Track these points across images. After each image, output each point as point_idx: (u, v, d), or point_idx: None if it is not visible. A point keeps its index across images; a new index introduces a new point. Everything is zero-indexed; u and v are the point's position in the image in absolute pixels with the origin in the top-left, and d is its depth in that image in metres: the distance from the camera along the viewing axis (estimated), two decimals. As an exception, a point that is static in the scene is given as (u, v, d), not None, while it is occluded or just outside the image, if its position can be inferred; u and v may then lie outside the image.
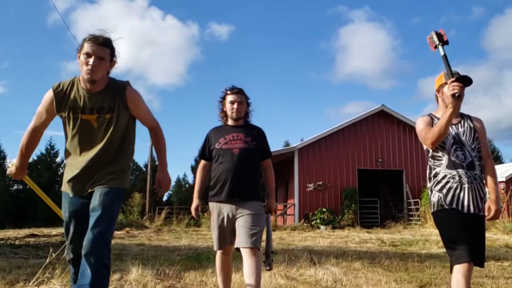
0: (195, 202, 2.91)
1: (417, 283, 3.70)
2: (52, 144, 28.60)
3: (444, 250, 2.31)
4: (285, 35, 46.53)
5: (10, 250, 5.37)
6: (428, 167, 2.42)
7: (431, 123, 2.37)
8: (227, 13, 48.20)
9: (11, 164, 2.25)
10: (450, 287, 2.22)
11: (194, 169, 31.28)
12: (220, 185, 2.72)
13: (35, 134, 2.17)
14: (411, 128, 16.12)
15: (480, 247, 2.26)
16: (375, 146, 15.95)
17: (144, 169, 25.94)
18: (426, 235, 10.05)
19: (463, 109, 2.44)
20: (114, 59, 2.13)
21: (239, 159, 2.71)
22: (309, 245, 7.61)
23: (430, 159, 2.39)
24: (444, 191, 2.29)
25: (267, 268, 2.77)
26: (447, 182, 2.29)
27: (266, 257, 2.76)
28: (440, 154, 2.34)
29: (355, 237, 9.69)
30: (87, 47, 2.02)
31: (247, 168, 2.73)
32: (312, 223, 14.28)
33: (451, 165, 2.29)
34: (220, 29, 49.91)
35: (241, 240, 2.60)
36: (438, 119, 2.35)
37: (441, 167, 2.33)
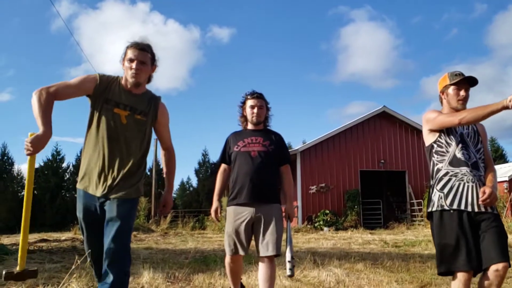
0: (215, 204, 2.89)
1: (418, 283, 3.82)
2: (58, 150, 28.86)
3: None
4: (286, 36, 46.68)
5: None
6: (432, 163, 2.35)
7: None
8: (228, 15, 48.36)
9: (29, 134, 1.82)
10: None
11: (197, 173, 31.42)
12: (239, 188, 2.71)
13: (54, 98, 1.96)
14: (413, 129, 16.26)
15: (500, 245, 2.09)
16: (377, 147, 16.05)
17: (149, 173, 26.09)
18: (429, 236, 10.10)
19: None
20: (155, 63, 2.25)
21: (257, 162, 2.71)
22: (312, 247, 7.74)
23: (433, 154, 2.32)
24: (445, 190, 2.23)
25: (288, 274, 2.68)
26: (449, 180, 2.23)
27: (288, 263, 2.68)
28: (444, 150, 2.29)
29: (358, 239, 9.80)
30: (129, 54, 2.15)
31: (265, 171, 2.72)
32: (315, 225, 14.39)
33: (455, 162, 2.24)
34: (221, 32, 50.09)
35: (260, 247, 2.64)
36: None
37: (443, 163, 2.27)
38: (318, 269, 4.39)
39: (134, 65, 2.13)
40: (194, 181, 31.05)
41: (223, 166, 2.96)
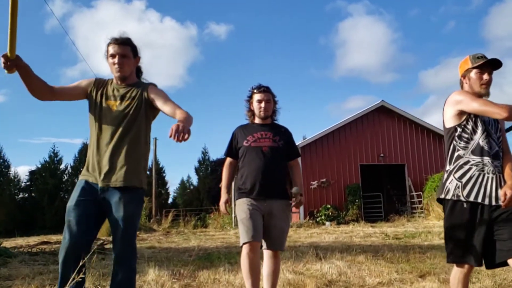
0: (224, 196, 2.83)
1: (417, 273, 3.89)
2: (55, 151, 28.89)
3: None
4: (284, 32, 46.68)
5: (29, 258, 5.60)
6: (451, 147, 2.23)
7: None
8: (225, 12, 48.35)
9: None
10: (450, 277, 2.26)
11: (198, 171, 31.49)
12: (251, 183, 2.69)
13: (51, 87, 2.15)
14: (411, 123, 16.38)
15: None
16: (377, 141, 16.13)
17: (148, 173, 26.14)
18: (429, 227, 10.26)
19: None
20: (138, 55, 2.30)
21: (269, 157, 2.70)
22: (315, 241, 7.80)
23: (456, 138, 2.21)
24: (464, 180, 2.15)
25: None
26: (469, 169, 2.15)
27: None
28: (469, 136, 2.18)
29: (360, 232, 9.88)
30: (110, 50, 2.22)
31: (276, 166, 2.72)
32: (317, 219, 14.48)
33: (478, 151, 2.14)
34: (218, 29, 50.02)
35: (268, 242, 2.66)
36: None
37: (466, 150, 2.18)
38: (320, 262, 4.45)
39: (116, 60, 2.20)
40: (195, 180, 31.12)
41: (228, 159, 2.92)
